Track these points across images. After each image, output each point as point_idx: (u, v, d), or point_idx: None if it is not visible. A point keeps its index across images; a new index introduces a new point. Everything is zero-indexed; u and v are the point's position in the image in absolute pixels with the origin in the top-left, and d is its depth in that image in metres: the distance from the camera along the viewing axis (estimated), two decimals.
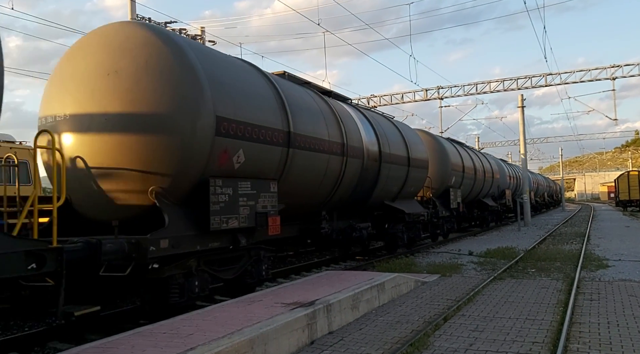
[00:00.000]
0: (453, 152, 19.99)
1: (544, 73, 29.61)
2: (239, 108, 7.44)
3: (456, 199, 19.16)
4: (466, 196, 21.63)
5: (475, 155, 24.84)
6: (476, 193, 23.97)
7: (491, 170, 26.80)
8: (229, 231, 7.26)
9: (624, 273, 10.71)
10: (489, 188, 26.69)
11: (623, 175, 47.24)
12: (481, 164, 24.83)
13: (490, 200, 26.84)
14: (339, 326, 6.59)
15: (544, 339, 5.89)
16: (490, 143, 58.09)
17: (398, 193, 14.03)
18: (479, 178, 23.58)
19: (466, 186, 21.34)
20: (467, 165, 21.35)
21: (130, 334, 5.36)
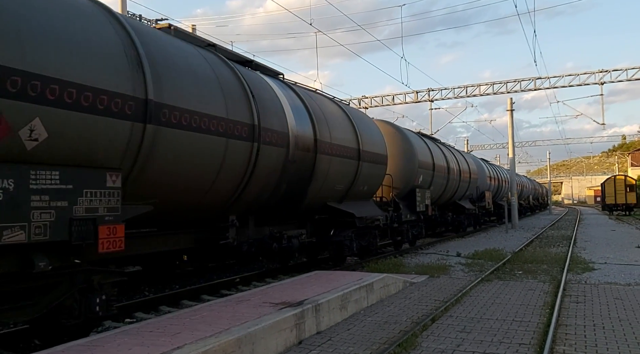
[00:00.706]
0: (421, 147, 17.47)
1: (533, 77, 29.85)
2: (31, 52, 4.85)
3: (424, 201, 16.65)
4: (438, 197, 19.59)
5: (450, 152, 22.23)
6: (450, 194, 21.34)
7: (468, 169, 24.09)
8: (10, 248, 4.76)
9: (610, 276, 10.82)
10: (466, 190, 24.06)
11: (609, 179, 47.77)
12: (457, 163, 22.14)
13: (467, 202, 24.48)
14: (327, 326, 6.58)
15: (530, 340, 5.93)
16: (479, 145, 58.50)
17: (346, 193, 11.54)
18: (454, 178, 21.01)
19: (437, 186, 18.95)
20: (439, 163, 18.93)
21: (117, 333, 5.31)
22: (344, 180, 11.31)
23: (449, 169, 20.94)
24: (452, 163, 22.70)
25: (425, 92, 32.29)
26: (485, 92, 31.10)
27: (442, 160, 19.85)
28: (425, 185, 17.38)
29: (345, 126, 11.62)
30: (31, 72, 4.78)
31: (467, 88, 31.43)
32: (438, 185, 19.28)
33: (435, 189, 18.71)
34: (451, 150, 24.40)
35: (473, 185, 27.69)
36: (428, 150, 18.16)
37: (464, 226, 24.65)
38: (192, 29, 21.04)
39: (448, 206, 23.22)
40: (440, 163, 19.40)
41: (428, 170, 17.57)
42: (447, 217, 22.54)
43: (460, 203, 24.84)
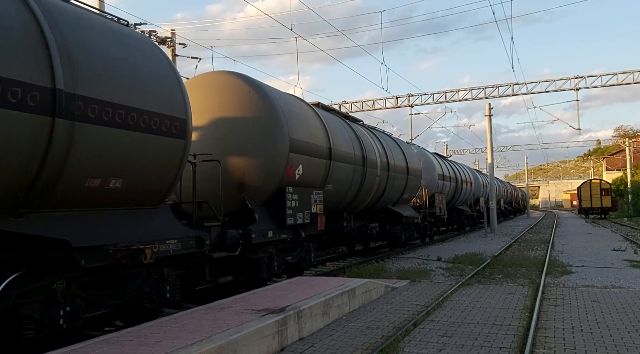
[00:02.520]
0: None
1: (511, 83, 30.29)
2: None
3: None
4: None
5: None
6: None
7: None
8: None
9: (587, 279, 11.00)
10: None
11: (585, 183, 48.66)
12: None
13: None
14: (309, 333, 6.56)
15: (510, 344, 5.99)
16: (459, 150, 59.02)
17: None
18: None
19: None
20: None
21: (96, 342, 5.21)
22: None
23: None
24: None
25: (405, 97, 32.54)
26: (464, 97, 31.46)
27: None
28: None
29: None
30: None
31: (446, 94, 31.76)
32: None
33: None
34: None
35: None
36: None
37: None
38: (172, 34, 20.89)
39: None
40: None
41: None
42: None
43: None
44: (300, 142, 9.74)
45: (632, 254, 15.99)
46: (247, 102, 9.16)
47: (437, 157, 24.79)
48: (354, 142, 12.63)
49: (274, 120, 9.19)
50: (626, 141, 57.93)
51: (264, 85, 9.74)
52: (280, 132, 9.20)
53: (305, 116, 10.58)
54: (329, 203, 11.18)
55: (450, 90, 31.70)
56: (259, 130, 9.05)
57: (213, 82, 9.49)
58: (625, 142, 57.41)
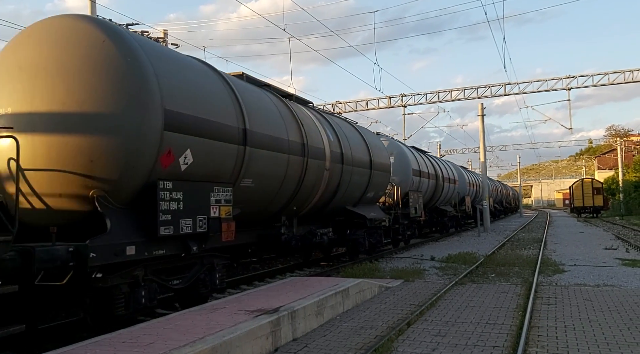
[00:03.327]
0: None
1: (503, 83, 30.41)
2: None
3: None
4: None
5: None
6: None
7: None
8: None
9: (579, 278, 11.06)
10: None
11: (577, 183, 48.94)
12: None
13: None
14: (303, 333, 6.55)
15: (504, 343, 6.01)
16: (452, 150, 59.16)
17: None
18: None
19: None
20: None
21: (88, 344, 5.18)
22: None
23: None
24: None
25: (398, 97, 32.59)
26: (456, 97, 31.56)
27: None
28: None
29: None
30: None
31: (439, 94, 31.84)
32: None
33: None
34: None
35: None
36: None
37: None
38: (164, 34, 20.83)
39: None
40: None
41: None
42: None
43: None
44: (187, 117, 6.86)
45: (624, 252, 16.10)
46: (100, 56, 6.30)
47: (415, 150, 22.09)
48: (289, 125, 9.85)
49: (139, 81, 6.34)
50: (617, 140, 58.33)
51: (128, 33, 6.95)
52: (147, 99, 6.34)
53: (202, 83, 7.64)
54: (251, 204, 8.80)
55: (443, 90, 31.80)
56: (116, 97, 6.21)
57: (53, 31, 6.58)
58: (617, 141, 57.80)
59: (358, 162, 13.16)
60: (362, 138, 14.22)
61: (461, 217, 29.57)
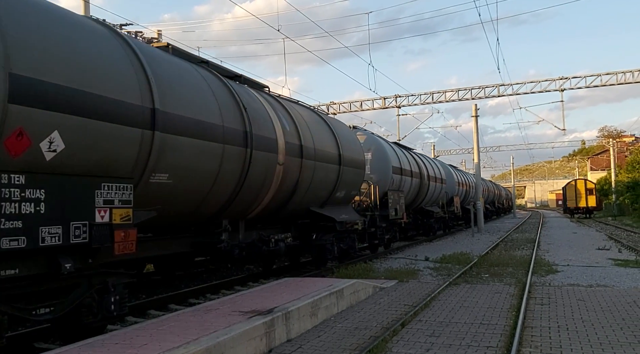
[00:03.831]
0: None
1: (497, 84, 30.52)
2: None
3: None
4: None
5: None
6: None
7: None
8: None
9: (572, 278, 11.11)
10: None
11: (570, 183, 49.18)
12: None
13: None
14: (297, 334, 6.54)
15: (497, 343, 6.03)
16: (446, 151, 59.37)
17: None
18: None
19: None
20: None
21: (81, 346, 5.15)
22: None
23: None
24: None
25: (393, 98, 32.64)
26: (450, 98, 31.64)
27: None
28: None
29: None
30: None
31: (433, 95, 31.91)
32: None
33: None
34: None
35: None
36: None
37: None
38: (158, 34, 20.77)
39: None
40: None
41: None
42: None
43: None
44: (53, 87, 5.14)
45: (617, 253, 16.19)
46: None
47: (397, 147, 20.16)
48: (226, 109, 8.08)
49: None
50: (610, 141, 58.70)
51: None
52: None
53: (83, 45, 5.80)
54: (172, 205, 7.18)
55: (437, 91, 31.88)
56: None
57: None
58: (610, 142, 58.17)
59: (323, 157, 11.33)
60: (330, 130, 12.43)
61: (449, 219, 28.01)
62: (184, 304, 8.99)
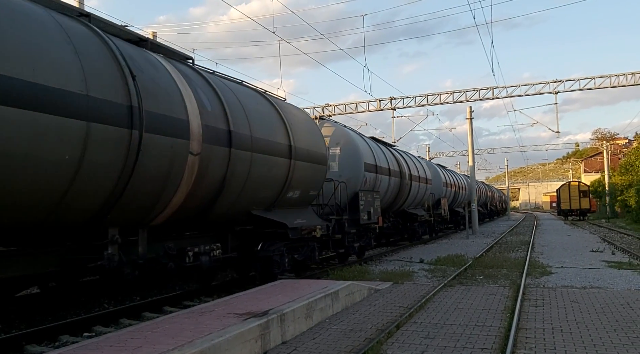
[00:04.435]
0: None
1: (492, 87, 30.61)
2: None
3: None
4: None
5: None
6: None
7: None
8: None
9: (566, 280, 11.16)
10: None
11: (564, 185, 49.39)
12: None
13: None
14: (292, 336, 6.54)
15: (492, 345, 6.04)
16: (441, 153, 59.47)
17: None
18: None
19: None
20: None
21: (75, 348, 5.12)
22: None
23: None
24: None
25: (388, 100, 32.69)
26: (445, 100, 31.72)
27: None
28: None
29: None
30: None
31: (428, 97, 31.99)
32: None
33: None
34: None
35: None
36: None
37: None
38: (153, 36, 20.73)
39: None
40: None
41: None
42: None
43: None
44: None
45: (610, 255, 16.27)
46: None
47: (374, 142, 17.99)
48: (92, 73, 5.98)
49: None
50: (604, 144, 58.97)
51: None
52: None
53: None
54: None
55: (432, 94, 31.94)
56: None
57: None
58: (603, 144, 58.44)
59: (266, 147, 9.26)
60: (279, 116, 10.24)
61: (435, 222, 25.69)
62: (178, 306, 8.96)
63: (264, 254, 9.78)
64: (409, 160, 20.96)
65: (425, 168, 23.24)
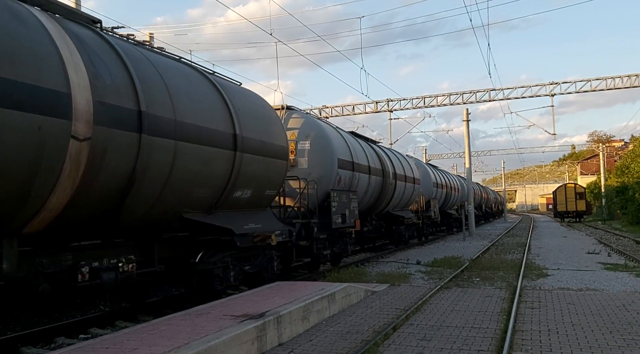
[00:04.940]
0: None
1: (488, 89, 30.72)
2: None
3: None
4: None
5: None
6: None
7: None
8: None
9: (563, 282, 11.18)
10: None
11: (561, 187, 49.52)
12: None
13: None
14: (289, 338, 6.53)
15: (488, 347, 6.05)
16: (437, 155, 59.58)
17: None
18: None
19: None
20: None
21: (71, 350, 5.11)
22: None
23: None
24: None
25: (385, 102, 32.74)
26: (442, 102, 31.79)
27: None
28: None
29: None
30: None
31: (425, 99, 32.06)
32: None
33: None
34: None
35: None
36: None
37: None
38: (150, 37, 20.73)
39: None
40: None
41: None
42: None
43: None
44: None
45: (606, 257, 16.31)
46: None
47: (353, 136, 15.98)
48: None
49: None
50: (600, 146, 59.18)
51: None
52: None
53: None
54: None
55: (429, 96, 32.02)
56: None
57: None
58: (599, 147, 58.65)
59: (198, 135, 7.42)
60: (219, 97, 8.37)
61: (425, 225, 23.90)
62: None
63: (202, 267, 8.13)
64: (393, 157, 19.22)
65: (413, 167, 21.66)
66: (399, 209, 19.55)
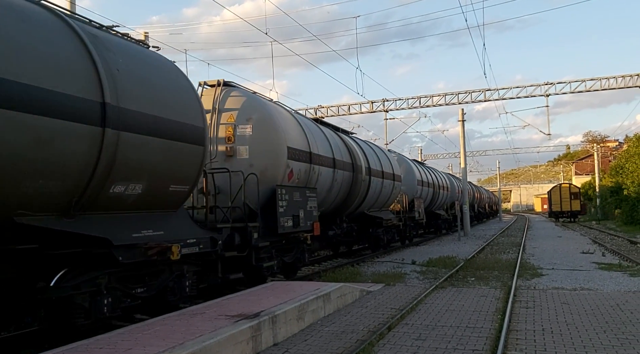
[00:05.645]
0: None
1: (484, 89, 30.77)
2: None
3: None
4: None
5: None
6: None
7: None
8: None
9: (557, 282, 11.22)
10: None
11: (555, 187, 49.67)
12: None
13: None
14: (284, 338, 6.53)
15: (483, 346, 6.06)
16: (433, 155, 59.70)
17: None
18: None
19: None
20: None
21: (64, 350, 5.09)
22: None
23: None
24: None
25: (380, 102, 32.76)
26: (437, 102, 31.83)
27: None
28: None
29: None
30: None
31: (421, 99, 32.09)
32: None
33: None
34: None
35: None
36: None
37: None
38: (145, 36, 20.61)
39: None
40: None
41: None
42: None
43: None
44: None
45: (600, 256, 16.38)
46: None
47: (315, 122, 13.69)
48: None
49: None
50: (594, 146, 59.48)
51: None
52: None
53: None
54: None
55: (424, 96, 32.05)
56: None
57: None
58: (594, 147, 58.94)
59: (21, 98, 4.98)
60: (77, 45, 5.88)
61: (408, 227, 21.69)
62: None
63: (58, 294, 5.79)
64: (368, 150, 16.81)
65: (393, 163, 19.10)
66: (376, 209, 17.30)
